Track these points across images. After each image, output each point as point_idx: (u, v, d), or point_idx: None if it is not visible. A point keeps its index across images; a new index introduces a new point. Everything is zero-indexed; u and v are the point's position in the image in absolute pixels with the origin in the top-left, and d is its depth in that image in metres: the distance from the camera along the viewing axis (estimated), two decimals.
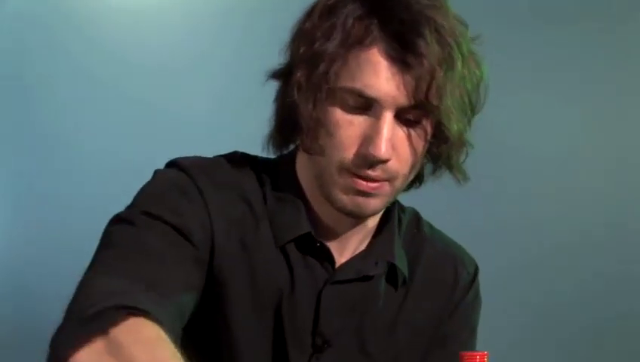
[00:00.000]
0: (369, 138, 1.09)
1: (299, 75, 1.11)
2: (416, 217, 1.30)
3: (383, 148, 1.08)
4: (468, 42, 1.12)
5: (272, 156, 1.22)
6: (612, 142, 2.51)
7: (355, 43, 1.08)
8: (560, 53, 2.50)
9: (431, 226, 1.31)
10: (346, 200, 1.13)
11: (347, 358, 1.21)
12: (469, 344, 1.29)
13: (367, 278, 1.21)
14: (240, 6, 1.17)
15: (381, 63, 1.08)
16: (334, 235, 1.20)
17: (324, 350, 1.19)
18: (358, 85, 1.08)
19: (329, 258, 1.20)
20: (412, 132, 1.11)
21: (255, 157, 1.24)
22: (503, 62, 2.39)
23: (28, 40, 2.48)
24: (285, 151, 1.22)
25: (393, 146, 1.10)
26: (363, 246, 1.22)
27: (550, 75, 2.51)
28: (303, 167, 1.21)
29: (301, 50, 1.12)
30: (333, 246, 1.20)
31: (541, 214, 2.43)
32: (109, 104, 2.49)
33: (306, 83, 1.11)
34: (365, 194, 1.12)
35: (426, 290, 1.25)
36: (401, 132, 1.11)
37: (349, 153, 1.11)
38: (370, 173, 1.11)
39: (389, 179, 1.13)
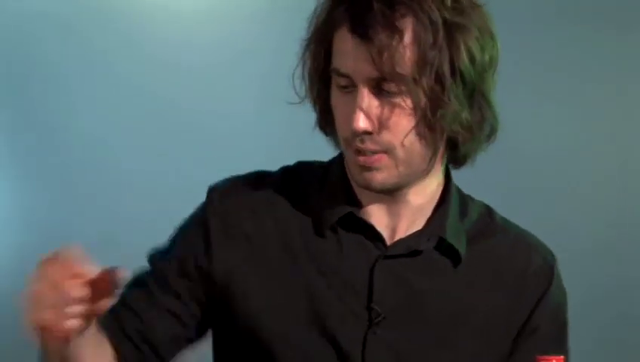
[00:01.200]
0: (350, 113, 1.16)
1: (300, 67, 1.22)
2: (489, 209, 1.32)
3: (357, 120, 1.14)
4: (450, 12, 1.15)
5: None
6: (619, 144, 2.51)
7: (331, 28, 1.18)
8: (563, 54, 2.51)
9: (505, 218, 1.32)
10: (357, 175, 1.20)
11: (404, 332, 1.22)
12: (560, 340, 1.28)
13: (416, 253, 1.23)
14: (279, 7, 1.19)
15: (348, 40, 1.16)
16: (381, 216, 1.24)
17: (380, 323, 1.21)
18: (335, 65, 1.18)
19: (378, 236, 1.23)
20: (395, 102, 1.15)
21: (312, 163, 1.31)
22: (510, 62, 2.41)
23: (50, 38, 2.46)
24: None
25: (378, 118, 1.15)
26: (419, 227, 1.25)
27: (553, 76, 2.51)
28: None
29: (302, 45, 1.22)
30: (382, 225, 1.24)
31: (549, 215, 2.45)
32: (142, 106, 2.46)
33: (305, 74, 1.22)
34: (367, 168, 1.17)
35: (495, 276, 1.26)
36: (383, 103, 1.15)
37: (346, 130, 1.18)
38: (361, 145, 1.16)
39: (385, 151, 1.16)
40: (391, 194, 1.22)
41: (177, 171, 2.38)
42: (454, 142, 1.21)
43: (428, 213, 1.25)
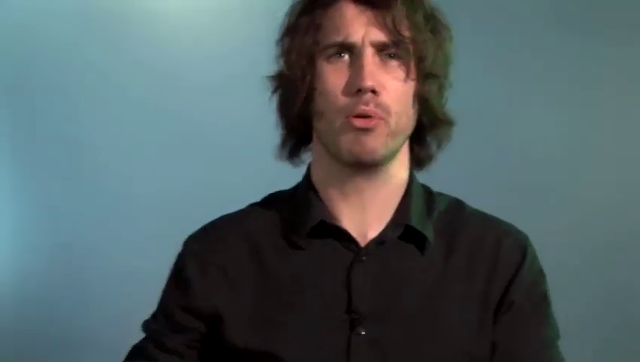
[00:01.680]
0: (354, 75, 1.22)
1: (285, 51, 1.27)
2: (459, 200, 1.36)
3: (366, 77, 1.20)
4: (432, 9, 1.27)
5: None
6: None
7: (323, 6, 1.25)
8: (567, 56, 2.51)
9: (476, 208, 1.36)
10: (349, 141, 1.22)
11: (386, 329, 1.25)
12: (539, 314, 1.30)
13: (382, 243, 1.27)
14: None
15: (350, 11, 1.24)
16: (351, 218, 1.28)
17: (362, 324, 1.24)
18: (338, 38, 1.23)
19: (350, 238, 1.27)
20: (395, 66, 1.23)
21: (278, 191, 1.37)
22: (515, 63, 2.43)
23: (55, 53, 2.45)
24: (297, 159, 1.34)
25: (379, 81, 1.22)
26: (386, 221, 1.29)
27: (554, 78, 2.51)
28: (314, 162, 1.32)
29: (283, 35, 1.28)
30: (352, 227, 1.28)
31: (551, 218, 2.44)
32: (148, 122, 2.46)
33: (292, 56, 1.26)
34: (364, 131, 1.21)
35: (467, 260, 1.29)
36: (384, 67, 1.23)
37: (342, 97, 1.22)
38: (364, 107, 1.21)
39: (384, 117, 1.22)
40: (369, 174, 1.26)
41: (184, 181, 2.38)
42: (421, 132, 1.30)
43: (394, 206, 1.29)
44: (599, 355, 2.42)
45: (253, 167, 1.35)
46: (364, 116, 1.22)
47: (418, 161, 1.33)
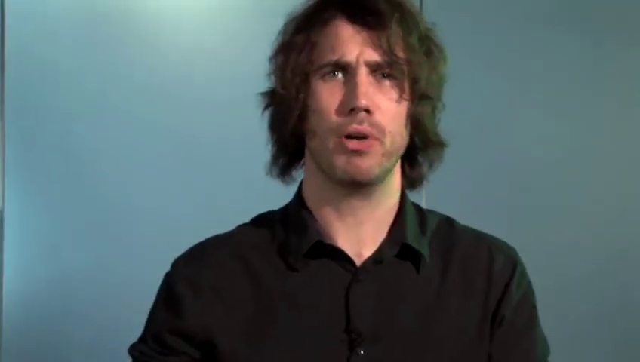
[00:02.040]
0: (348, 94, 1.22)
1: (279, 68, 1.28)
2: (448, 218, 1.37)
3: (360, 97, 1.21)
4: (427, 30, 1.28)
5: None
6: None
7: (319, 25, 1.26)
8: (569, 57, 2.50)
9: (464, 225, 1.38)
10: (343, 162, 1.23)
11: (385, 348, 1.25)
12: (528, 327, 1.32)
13: (380, 262, 1.28)
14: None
15: (346, 30, 1.24)
16: (346, 238, 1.28)
17: (362, 344, 1.24)
18: (333, 57, 1.24)
19: (347, 258, 1.27)
20: (389, 86, 1.24)
21: (267, 212, 1.37)
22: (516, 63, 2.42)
23: (55, 65, 2.45)
24: (289, 177, 1.34)
25: (373, 101, 1.22)
26: (382, 239, 1.30)
27: (554, 81, 2.50)
28: (307, 181, 1.32)
29: (277, 52, 1.28)
30: (348, 247, 1.28)
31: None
32: (147, 134, 2.45)
33: (287, 74, 1.26)
34: (358, 153, 1.22)
35: (462, 276, 1.30)
36: (378, 87, 1.24)
37: (336, 116, 1.23)
38: (358, 127, 1.22)
39: (378, 137, 1.22)
40: (363, 194, 1.27)
41: (184, 191, 2.38)
42: (413, 152, 1.31)
43: (388, 224, 1.30)
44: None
45: (256, 178, 1.33)
46: (358, 137, 1.22)
47: (410, 182, 1.34)
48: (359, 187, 1.26)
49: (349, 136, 1.22)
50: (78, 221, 2.37)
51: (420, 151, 1.31)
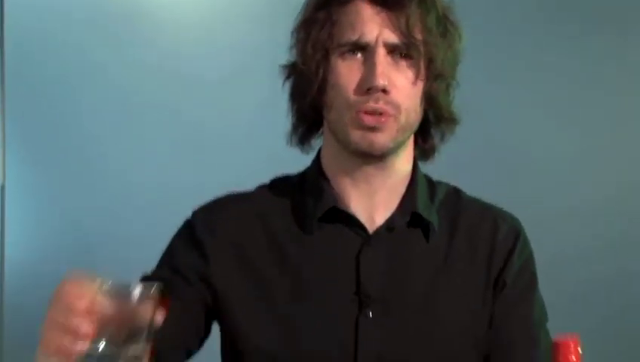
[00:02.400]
0: (366, 73, 1.26)
1: (301, 43, 1.31)
2: (456, 188, 1.43)
3: (379, 77, 1.25)
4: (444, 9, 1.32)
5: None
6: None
7: (340, 3, 1.29)
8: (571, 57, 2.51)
9: (471, 196, 1.43)
10: (358, 137, 1.27)
11: (393, 311, 1.30)
12: (527, 291, 1.36)
13: (391, 229, 1.33)
14: (284, 13, 1.22)
15: (366, 10, 1.28)
16: (360, 205, 1.33)
17: (370, 306, 1.29)
18: (353, 37, 1.27)
19: (359, 225, 1.33)
20: (405, 65, 1.28)
21: (286, 175, 1.41)
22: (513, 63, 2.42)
23: (57, 51, 2.46)
24: (308, 145, 1.39)
25: (390, 79, 1.26)
26: (393, 207, 1.35)
27: (554, 81, 2.51)
28: (324, 149, 1.37)
29: (298, 30, 1.32)
30: (361, 213, 1.33)
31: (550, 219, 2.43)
32: (146, 114, 2.45)
33: (308, 49, 1.30)
34: (373, 128, 1.26)
35: (468, 243, 1.35)
36: (395, 66, 1.28)
37: (353, 92, 1.27)
38: (374, 104, 1.26)
39: (393, 113, 1.27)
40: (377, 164, 1.31)
41: (189, 178, 2.39)
42: (426, 126, 1.36)
43: (400, 194, 1.35)
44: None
45: (257, 163, 1.36)
46: (374, 113, 1.26)
47: (422, 153, 1.39)
48: (373, 158, 1.31)
49: (365, 112, 1.26)
50: (79, 196, 2.39)
51: (433, 124, 1.37)
